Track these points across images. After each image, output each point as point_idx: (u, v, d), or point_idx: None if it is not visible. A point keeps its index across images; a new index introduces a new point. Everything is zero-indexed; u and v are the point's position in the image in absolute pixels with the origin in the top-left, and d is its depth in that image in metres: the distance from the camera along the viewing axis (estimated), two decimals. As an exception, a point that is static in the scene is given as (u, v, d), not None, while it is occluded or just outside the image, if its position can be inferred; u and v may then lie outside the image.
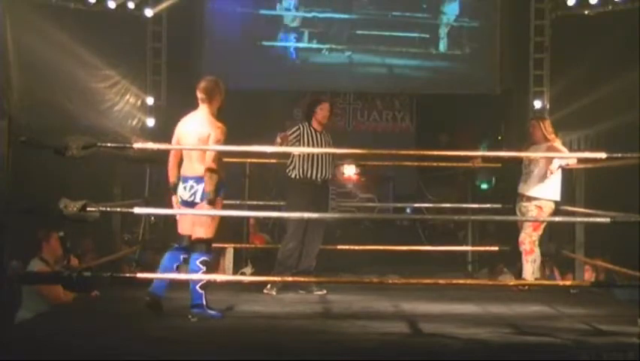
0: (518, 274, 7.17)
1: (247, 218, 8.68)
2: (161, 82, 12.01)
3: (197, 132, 5.51)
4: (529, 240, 6.91)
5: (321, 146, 6.74)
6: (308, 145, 6.65)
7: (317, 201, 6.57)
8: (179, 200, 5.52)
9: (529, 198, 6.98)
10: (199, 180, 5.42)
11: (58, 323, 5.44)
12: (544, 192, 6.96)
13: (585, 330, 5.17)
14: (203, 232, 5.48)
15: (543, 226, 7.00)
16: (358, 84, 13.32)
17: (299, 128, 6.75)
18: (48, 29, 10.19)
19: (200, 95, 5.63)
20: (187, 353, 4.48)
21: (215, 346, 4.69)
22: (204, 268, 5.46)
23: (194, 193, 5.43)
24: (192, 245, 5.51)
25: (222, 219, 5.77)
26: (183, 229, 5.60)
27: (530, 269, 6.91)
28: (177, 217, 5.64)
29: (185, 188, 5.47)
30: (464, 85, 13.03)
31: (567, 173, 7.22)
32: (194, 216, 5.46)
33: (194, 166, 5.45)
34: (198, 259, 5.46)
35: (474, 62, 13.11)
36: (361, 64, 13.17)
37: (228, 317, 5.65)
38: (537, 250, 6.97)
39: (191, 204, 5.45)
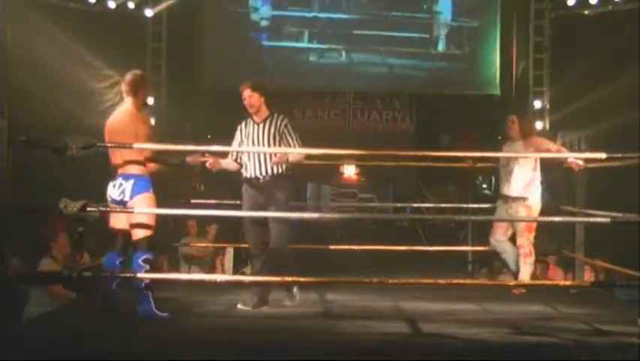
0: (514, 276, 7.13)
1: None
2: (161, 82, 12.02)
3: (124, 128, 5.36)
4: (527, 243, 6.86)
5: (254, 138, 5.99)
6: (242, 141, 6.06)
7: (257, 200, 5.97)
8: (109, 199, 5.37)
9: (515, 199, 6.87)
10: (127, 177, 5.31)
11: (58, 323, 5.44)
12: (528, 192, 6.86)
13: (585, 330, 5.16)
14: (142, 231, 5.34)
15: (535, 225, 6.94)
16: (358, 84, 13.34)
17: (239, 125, 6.14)
18: (48, 29, 10.20)
19: (125, 87, 5.48)
20: (187, 353, 4.48)
21: (215, 346, 4.69)
22: (148, 267, 5.29)
23: (123, 191, 5.31)
24: (133, 245, 5.37)
25: (160, 216, 5.62)
26: (115, 229, 5.45)
27: (529, 272, 6.88)
28: (110, 218, 5.46)
29: (114, 186, 5.34)
30: (464, 85, 13.06)
31: (567, 173, 7.21)
32: (130, 216, 5.33)
33: (126, 163, 5.34)
34: (141, 257, 5.30)
35: (474, 62, 13.15)
36: (361, 64, 13.20)
37: (228, 316, 5.66)
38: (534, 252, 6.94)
39: (120, 203, 5.32)
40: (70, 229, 7.53)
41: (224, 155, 6.09)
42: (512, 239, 6.96)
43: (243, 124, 6.06)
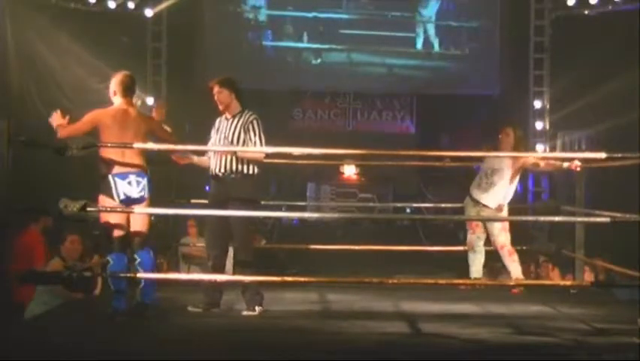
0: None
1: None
2: (161, 82, 12.03)
3: (148, 126, 5.54)
4: (508, 241, 6.88)
5: (222, 134, 5.84)
6: (214, 136, 5.93)
7: (219, 197, 5.78)
8: (122, 197, 5.32)
9: (487, 205, 6.90)
10: (141, 174, 5.36)
11: (58, 323, 5.44)
12: (501, 201, 6.90)
13: (585, 330, 5.16)
14: (146, 227, 5.48)
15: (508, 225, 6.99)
16: (358, 84, 13.34)
17: (215, 121, 5.99)
18: (48, 29, 10.21)
19: (127, 90, 5.55)
20: (187, 353, 4.48)
21: (214, 346, 4.69)
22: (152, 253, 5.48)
23: (144, 188, 5.35)
24: (138, 243, 5.45)
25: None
26: (123, 228, 5.45)
27: (519, 268, 6.90)
28: (112, 218, 5.41)
29: (129, 183, 5.33)
30: (464, 85, 13.06)
31: (567, 173, 7.21)
32: (137, 214, 5.40)
33: (135, 161, 5.37)
34: (150, 252, 5.44)
35: (474, 62, 13.15)
36: (361, 64, 13.20)
37: (228, 316, 5.65)
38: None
39: (139, 200, 5.35)
40: (85, 232, 7.60)
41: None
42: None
43: (218, 120, 5.95)
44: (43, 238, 7.84)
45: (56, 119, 5.40)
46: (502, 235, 6.86)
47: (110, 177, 5.32)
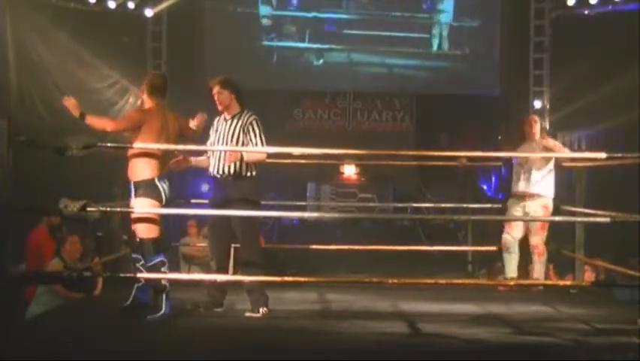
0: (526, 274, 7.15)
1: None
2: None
3: (178, 128, 5.75)
4: (542, 241, 6.94)
5: (221, 135, 5.79)
6: (212, 136, 5.90)
7: (220, 198, 5.74)
8: (165, 198, 5.43)
9: (533, 197, 6.93)
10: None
11: (58, 323, 5.44)
12: (546, 190, 6.95)
13: (585, 330, 5.17)
14: None
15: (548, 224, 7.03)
16: (358, 84, 13.34)
17: (214, 121, 5.96)
18: (48, 29, 10.21)
19: (156, 89, 5.95)
20: (187, 353, 4.49)
21: (215, 346, 4.69)
22: None
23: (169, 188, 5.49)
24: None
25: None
26: (160, 229, 5.60)
27: (543, 269, 6.94)
28: (158, 221, 5.52)
29: (168, 186, 5.47)
30: (464, 85, 13.06)
31: (567, 173, 7.22)
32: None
33: (167, 162, 5.56)
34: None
35: (474, 62, 13.15)
36: (361, 64, 13.21)
37: (228, 316, 5.65)
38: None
39: (171, 201, 5.50)
40: (86, 232, 7.64)
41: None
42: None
43: (216, 120, 5.93)
44: (51, 236, 7.89)
45: (72, 101, 5.28)
46: (538, 235, 6.93)
47: (156, 180, 5.37)
